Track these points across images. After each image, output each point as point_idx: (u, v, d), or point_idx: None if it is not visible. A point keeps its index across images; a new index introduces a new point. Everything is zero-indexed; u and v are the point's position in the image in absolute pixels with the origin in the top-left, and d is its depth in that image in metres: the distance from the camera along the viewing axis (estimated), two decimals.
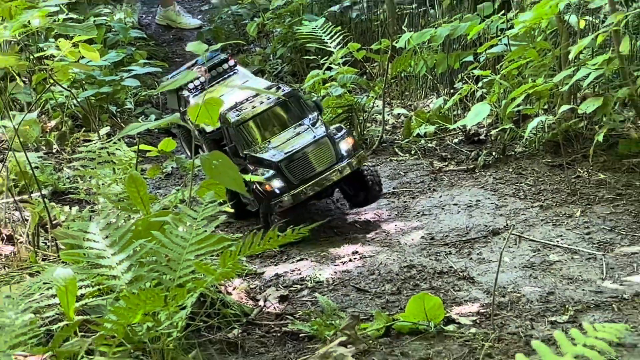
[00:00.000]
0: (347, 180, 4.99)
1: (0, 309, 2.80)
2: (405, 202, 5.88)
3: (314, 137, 4.85)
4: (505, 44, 6.68)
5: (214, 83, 5.59)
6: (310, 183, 4.78)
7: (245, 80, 5.62)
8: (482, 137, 6.72)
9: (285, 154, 4.81)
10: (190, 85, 5.65)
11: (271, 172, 4.78)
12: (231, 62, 5.84)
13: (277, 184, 4.72)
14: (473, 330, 3.84)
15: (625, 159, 5.88)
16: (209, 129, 5.39)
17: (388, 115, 7.14)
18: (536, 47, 6.34)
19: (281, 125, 5.02)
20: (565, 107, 6.12)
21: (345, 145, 4.88)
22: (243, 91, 5.31)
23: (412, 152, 6.75)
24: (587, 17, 6.29)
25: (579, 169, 5.99)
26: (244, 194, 5.09)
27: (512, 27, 6.47)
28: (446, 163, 6.53)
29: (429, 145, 6.82)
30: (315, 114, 5.21)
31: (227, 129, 5.11)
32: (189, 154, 5.93)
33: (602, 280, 4.46)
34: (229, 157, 4.83)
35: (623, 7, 5.87)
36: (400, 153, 6.82)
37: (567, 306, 4.10)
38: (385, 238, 5.31)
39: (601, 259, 4.73)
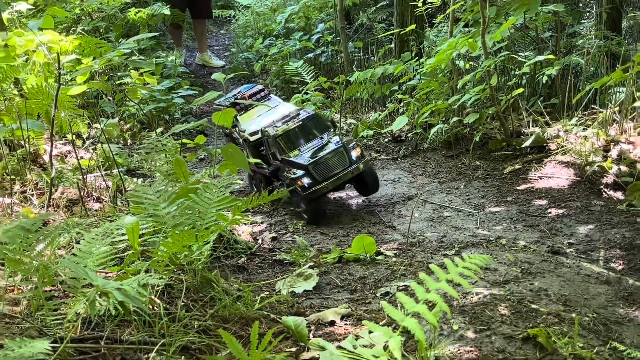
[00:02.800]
0: (355, 177, 4.80)
1: (90, 242, 2.78)
2: None
3: (333, 147, 4.68)
4: (418, 79, 6.73)
5: (254, 105, 5.32)
6: (330, 180, 4.61)
7: (277, 104, 5.36)
8: (402, 138, 6.66)
9: (312, 159, 4.62)
10: (236, 107, 5.27)
11: (302, 172, 4.62)
12: (266, 91, 5.58)
13: (306, 180, 4.57)
14: (394, 259, 3.88)
15: (492, 152, 5.89)
16: (252, 138, 5.13)
17: (343, 123, 7.11)
18: (438, 80, 6.39)
19: (308, 138, 4.82)
20: (455, 119, 6.21)
21: (355, 153, 4.71)
22: (278, 111, 5.16)
23: None
24: (470, 62, 6.39)
25: (463, 159, 5.99)
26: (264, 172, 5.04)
27: (422, 67, 6.51)
28: (379, 154, 6.46)
29: (369, 142, 6.75)
30: (332, 130, 5.00)
31: (267, 139, 4.90)
32: None
33: (476, 229, 4.50)
34: (269, 160, 4.96)
35: (493, 55, 5.97)
36: None
37: (454, 244, 4.14)
38: (340, 201, 5.31)
39: (476, 215, 4.76)
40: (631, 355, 2.62)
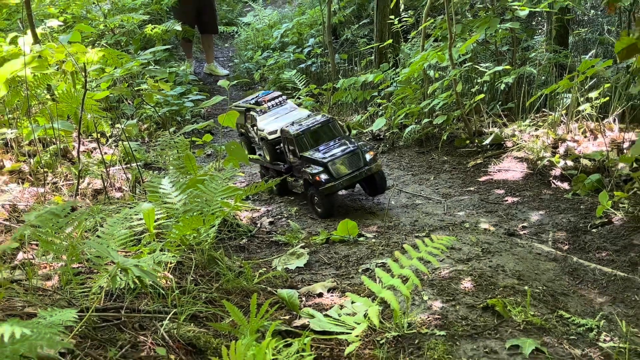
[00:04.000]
0: (366, 178, 4.58)
1: (112, 226, 2.75)
2: None
3: (351, 148, 4.47)
4: (394, 86, 6.73)
5: (272, 109, 5.14)
6: (345, 178, 4.40)
7: (293, 109, 5.17)
8: (381, 136, 6.66)
9: (330, 157, 4.40)
10: (258, 109, 5.13)
11: (321, 168, 4.38)
12: (283, 97, 5.35)
13: (324, 176, 4.34)
14: (373, 240, 3.90)
15: (458, 149, 5.88)
16: (270, 137, 4.92)
17: None
18: (411, 87, 6.39)
19: (325, 138, 4.61)
20: (426, 120, 6.21)
21: (369, 156, 4.49)
22: (293, 115, 5.02)
23: None
24: (439, 72, 6.40)
25: (433, 154, 5.98)
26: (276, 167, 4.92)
27: (398, 76, 6.50)
28: None
29: None
30: (347, 133, 4.81)
31: (286, 138, 4.70)
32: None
33: (444, 214, 4.52)
34: (285, 157, 4.83)
35: (458, 66, 5.97)
36: None
37: (425, 228, 4.16)
38: None
39: (444, 203, 4.77)
40: (575, 322, 2.64)
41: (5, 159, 4.36)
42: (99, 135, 4.91)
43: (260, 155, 5.26)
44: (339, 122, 4.84)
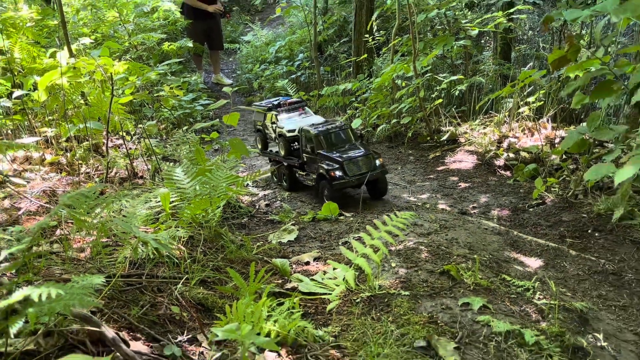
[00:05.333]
0: (372, 181, 4.29)
1: (135, 207, 2.74)
2: None
3: (365, 152, 4.24)
4: (369, 92, 6.72)
5: (293, 111, 4.95)
6: (355, 177, 4.15)
7: (310, 114, 4.97)
8: (358, 134, 6.75)
9: (347, 157, 4.17)
10: (279, 109, 4.95)
11: (336, 165, 4.17)
12: (303, 103, 5.11)
13: (338, 173, 4.14)
14: (351, 218, 3.89)
15: (420, 144, 5.90)
16: (288, 134, 4.70)
17: None
18: (382, 93, 6.42)
19: (341, 141, 4.36)
20: (394, 121, 6.21)
21: (378, 162, 4.24)
22: (311, 118, 4.86)
23: None
24: (405, 81, 6.40)
25: (400, 149, 6.00)
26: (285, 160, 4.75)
27: (372, 84, 6.49)
28: None
29: None
30: (360, 139, 4.57)
31: (306, 136, 4.46)
32: (259, 147, 5.29)
33: (409, 197, 4.53)
34: (300, 152, 4.59)
35: (421, 76, 5.96)
36: None
37: (393, 208, 4.17)
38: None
39: (409, 188, 4.79)
40: (515, 284, 2.65)
41: (47, 152, 4.32)
42: (124, 133, 4.86)
43: (271, 150, 5.08)
44: (354, 129, 4.63)
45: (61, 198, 2.29)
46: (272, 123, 4.97)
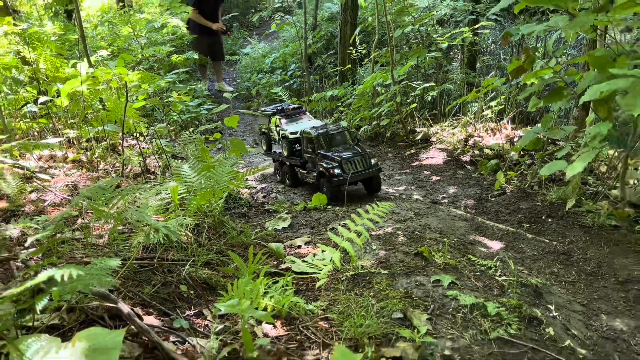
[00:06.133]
0: (367, 179, 4.16)
1: (147, 198, 2.76)
2: None
3: (361, 152, 4.12)
4: (353, 98, 6.71)
5: (294, 116, 4.82)
6: (353, 175, 4.00)
7: (311, 119, 4.83)
8: None
9: (344, 156, 4.05)
10: (282, 113, 4.82)
11: (335, 164, 4.05)
12: (303, 108, 4.98)
13: (337, 170, 4.02)
14: (337, 208, 3.88)
15: (397, 143, 5.90)
16: (291, 136, 4.58)
17: None
18: (365, 99, 6.35)
19: (340, 142, 4.23)
20: (375, 122, 6.23)
21: (373, 161, 4.10)
22: (311, 122, 4.71)
23: None
24: (384, 88, 6.40)
25: (380, 147, 5.99)
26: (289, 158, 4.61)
27: (355, 91, 6.49)
28: None
29: None
30: (357, 141, 4.38)
31: (307, 138, 4.35)
32: (264, 148, 5.13)
33: (387, 189, 4.53)
34: (302, 152, 4.48)
35: (398, 84, 5.96)
36: None
37: (374, 198, 4.14)
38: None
39: (387, 181, 4.78)
40: (479, 263, 2.67)
41: (69, 151, 4.28)
42: (138, 134, 4.83)
43: (275, 151, 4.98)
44: (350, 131, 4.53)
45: (82, 191, 2.27)
46: (276, 126, 4.91)
